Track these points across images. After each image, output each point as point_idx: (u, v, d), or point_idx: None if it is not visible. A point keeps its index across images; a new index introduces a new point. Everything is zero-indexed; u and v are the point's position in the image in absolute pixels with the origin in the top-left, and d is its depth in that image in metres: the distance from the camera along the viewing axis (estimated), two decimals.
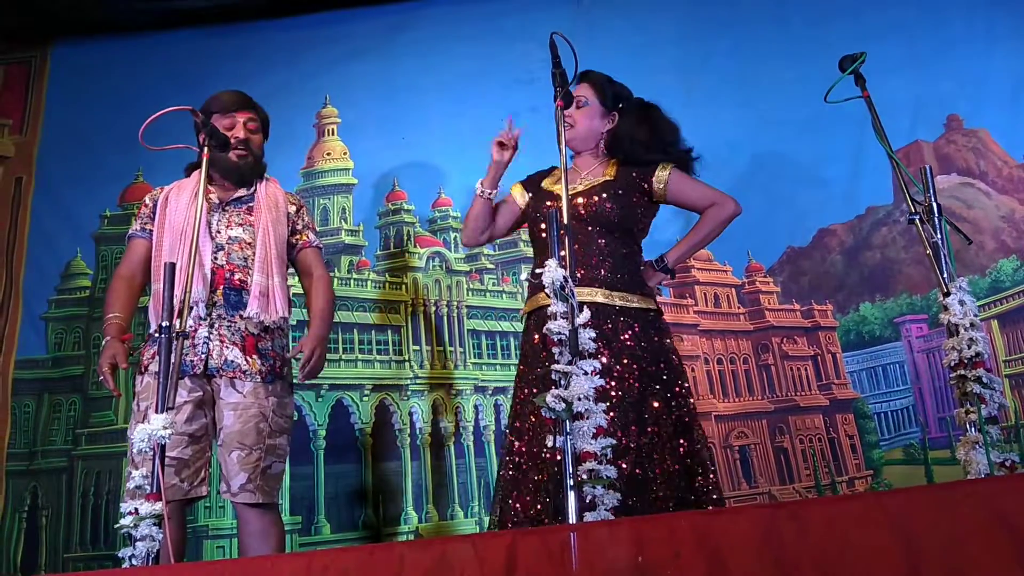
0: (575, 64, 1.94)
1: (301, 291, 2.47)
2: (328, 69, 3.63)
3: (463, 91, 3.48)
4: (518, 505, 2.07)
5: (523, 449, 2.11)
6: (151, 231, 2.34)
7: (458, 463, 3.04)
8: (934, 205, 1.80)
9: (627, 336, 2.17)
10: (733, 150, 3.20)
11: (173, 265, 1.80)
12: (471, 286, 3.27)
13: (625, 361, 2.14)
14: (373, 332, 3.17)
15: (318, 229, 3.29)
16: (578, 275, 2.18)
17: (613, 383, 2.10)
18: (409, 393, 3.10)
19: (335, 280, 3.21)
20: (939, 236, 1.79)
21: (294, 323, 3.11)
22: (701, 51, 3.43)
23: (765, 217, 3.08)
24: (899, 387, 2.93)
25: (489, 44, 3.53)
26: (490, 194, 2.35)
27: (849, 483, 2.87)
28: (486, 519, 2.95)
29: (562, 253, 2.17)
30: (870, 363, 2.98)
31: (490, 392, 3.13)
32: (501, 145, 2.29)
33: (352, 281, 3.23)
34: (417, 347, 3.16)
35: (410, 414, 3.08)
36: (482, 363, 3.16)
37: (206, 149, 2.04)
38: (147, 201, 2.43)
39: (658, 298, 2.36)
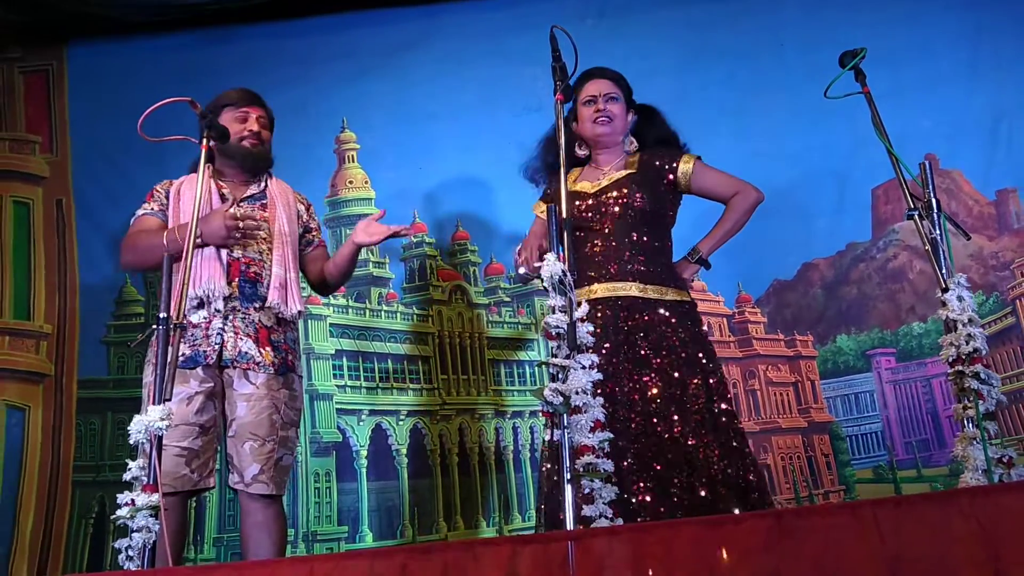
0: (575, 59, 1.98)
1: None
2: (342, 86, 3.74)
3: (474, 119, 3.62)
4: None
5: None
6: (164, 214, 2.37)
7: (482, 480, 3.40)
8: (933, 201, 1.82)
9: (665, 328, 2.23)
10: None
11: (171, 257, 1.81)
12: (490, 319, 3.58)
13: (664, 352, 2.20)
14: (405, 362, 3.50)
15: None
16: (612, 270, 2.28)
17: (654, 375, 2.16)
18: (439, 418, 3.45)
19: (367, 312, 3.54)
20: (938, 232, 1.81)
21: (332, 352, 3.47)
22: (699, 80, 3.55)
23: (755, 249, 3.27)
24: (869, 413, 3.27)
25: (496, 66, 3.64)
26: (532, 273, 2.29)
27: (825, 496, 3.22)
28: (506, 529, 3.31)
29: (597, 255, 2.23)
30: (844, 391, 3.30)
31: (508, 416, 3.48)
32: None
33: (383, 313, 3.54)
34: (445, 376, 3.50)
35: (439, 436, 3.44)
36: (501, 389, 3.50)
37: (205, 140, 2.07)
38: (159, 188, 2.44)
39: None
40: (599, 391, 1.63)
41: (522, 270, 3.20)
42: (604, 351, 2.15)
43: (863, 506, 1.31)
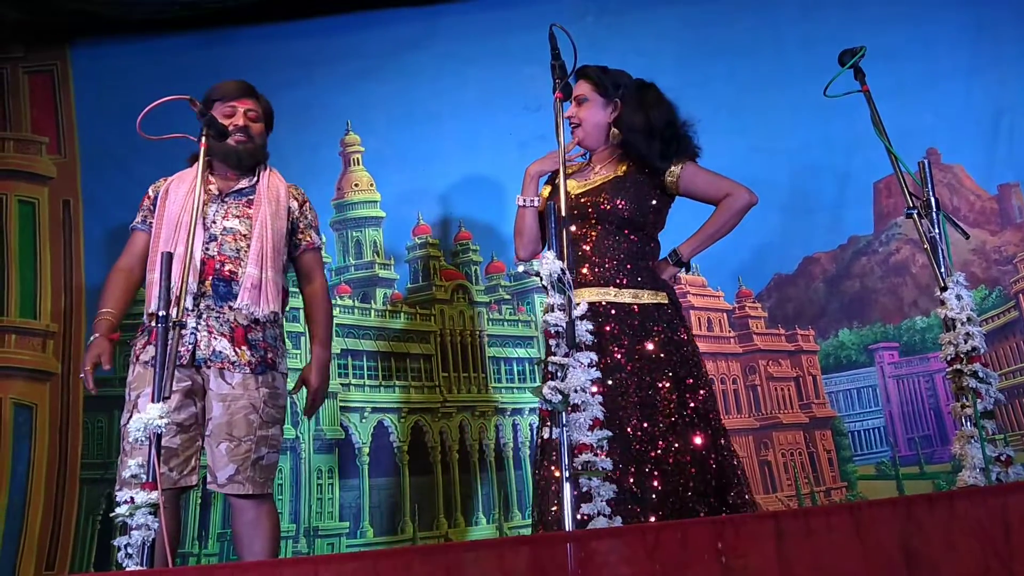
0: (574, 57, 1.96)
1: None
2: (345, 88, 3.76)
3: (475, 119, 3.64)
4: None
5: None
6: (151, 223, 2.36)
7: (482, 476, 3.43)
8: (932, 200, 1.81)
9: (635, 332, 2.20)
10: None
11: (171, 255, 1.81)
12: (491, 316, 3.61)
13: (636, 358, 2.17)
14: (407, 360, 3.53)
15: (353, 262, 3.64)
16: (587, 275, 2.24)
17: (624, 379, 2.13)
18: (439, 415, 3.49)
19: (372, 312, 3.57)
20: (936, 231, 1.81)
21: (338, 351, 3.48)
22: (698, 77, 3.52)
23: (756, 244, 3.29)
24: (872, 408, 3.26)
25: (497, 66, 3.66)
26: (532, 202, 2.38)
27: (826, 493, 3.21)
28: (506, 526, 3.33)
29: (585, 248, 2.23)
30: (846, 385, 3.29)
31: (508, 413, 3.50)
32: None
33: (387, 313, 3.58)
34: (446, 373, 3.53)
35: (440, 434, 3.47)
36: (501, 387, 3.52)
37: (204, 138, 2.04)
38: (149, 193, 2.43)
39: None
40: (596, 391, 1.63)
41: (521, 268, 3.21)
42: None
43: (862, 507, 1.32)
